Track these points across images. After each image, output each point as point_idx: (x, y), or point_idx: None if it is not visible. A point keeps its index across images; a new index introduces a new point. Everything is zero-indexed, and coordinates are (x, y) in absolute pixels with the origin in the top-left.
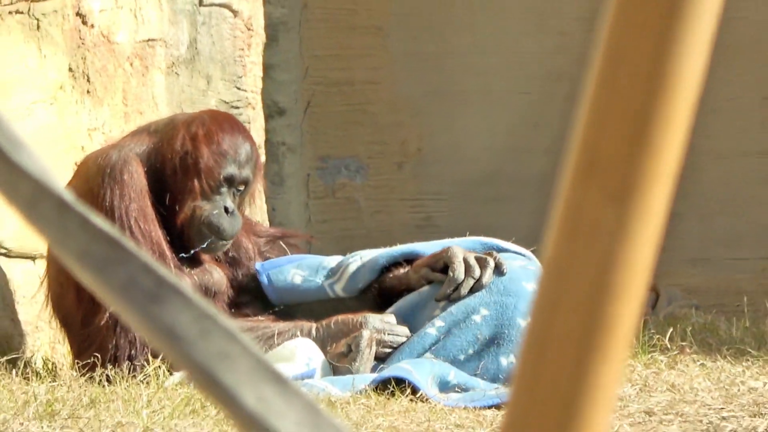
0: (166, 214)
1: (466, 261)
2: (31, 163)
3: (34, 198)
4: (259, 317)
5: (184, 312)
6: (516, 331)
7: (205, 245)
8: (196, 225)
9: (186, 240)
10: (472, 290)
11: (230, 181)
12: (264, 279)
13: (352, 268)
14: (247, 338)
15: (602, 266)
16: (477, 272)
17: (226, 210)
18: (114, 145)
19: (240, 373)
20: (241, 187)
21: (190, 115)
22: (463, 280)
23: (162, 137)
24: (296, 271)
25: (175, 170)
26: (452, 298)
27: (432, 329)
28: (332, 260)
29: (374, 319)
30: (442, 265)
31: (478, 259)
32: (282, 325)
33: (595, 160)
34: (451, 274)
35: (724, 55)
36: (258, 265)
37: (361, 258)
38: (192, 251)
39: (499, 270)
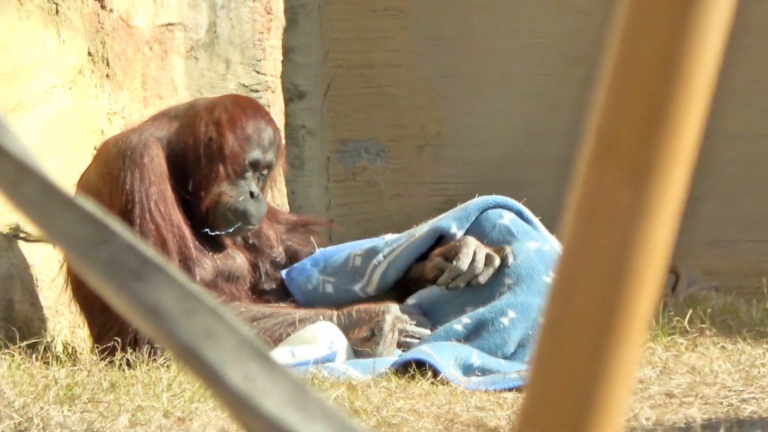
0: (188, 199)
1: (474, 254)
2: (14, 144)
3: (16, 179)
4: (281, 303)
5: (169, 290)
6: None
7: (231, 230)
8: (222, 210)
9: (211, 225)
10: (470, 284)
11: (255, 166)
12: (294, 290)
13: (381, 269)
14: (232, 316)
15: (620, 248)
16: (479, 269)
17: (252, 195)
18: (134, 129)
19: (225, 352)
20: (265, 171)
21: (211, 100)
22: (462, 273)
23: (183, 122)
24: (324, 278)
25: (198, 156)
26: (449, 287)
27: (458, 325)
28: (357, 257)
29: (396, 309)
30: (455, 254)
31: (487, 255)
32: (303, 312)
33: (613, 142)
34: (454, 263)
35: (744, 38)
36: (284, 273)
37: (384, 256)
38: (215, 235)
39: (504, 265)
